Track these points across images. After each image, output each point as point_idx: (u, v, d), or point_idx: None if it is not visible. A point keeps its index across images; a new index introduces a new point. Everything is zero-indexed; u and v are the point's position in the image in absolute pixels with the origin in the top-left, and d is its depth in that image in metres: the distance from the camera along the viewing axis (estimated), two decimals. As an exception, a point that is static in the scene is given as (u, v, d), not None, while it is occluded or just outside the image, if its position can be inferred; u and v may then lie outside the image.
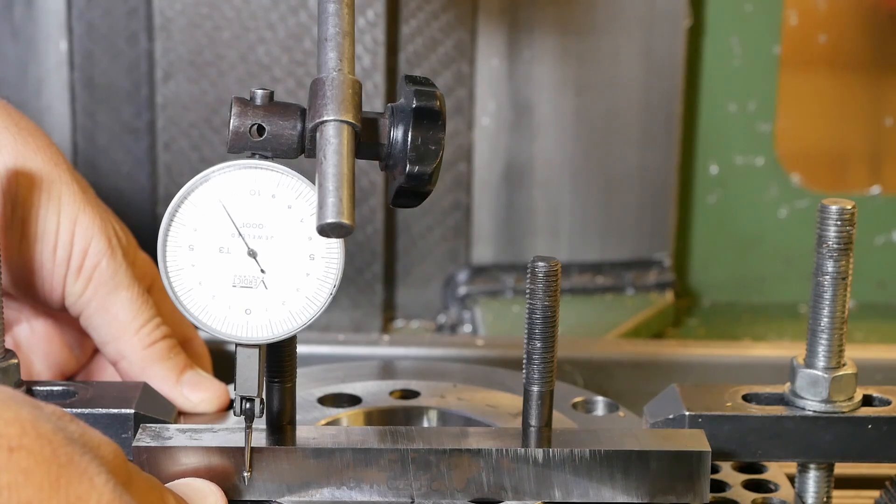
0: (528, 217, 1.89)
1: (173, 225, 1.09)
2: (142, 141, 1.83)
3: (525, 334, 1.17)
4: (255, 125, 1.08)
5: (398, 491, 1.14)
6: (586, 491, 1.14)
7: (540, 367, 1.17)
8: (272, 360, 1.17)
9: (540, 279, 1.15)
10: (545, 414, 1.18)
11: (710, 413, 1.19)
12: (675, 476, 1.14)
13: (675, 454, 1.14)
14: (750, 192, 1.95)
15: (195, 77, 1.78)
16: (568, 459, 1.13)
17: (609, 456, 1.13)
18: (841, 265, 1.17)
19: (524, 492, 1.14)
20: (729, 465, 1.26)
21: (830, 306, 1.18)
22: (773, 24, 1.90)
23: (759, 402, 1.21)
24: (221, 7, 1.76)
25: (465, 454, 1.13)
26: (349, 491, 1.13)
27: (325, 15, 1.09)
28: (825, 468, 1.22)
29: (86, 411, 1.17)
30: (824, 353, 1.19)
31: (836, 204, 1.16)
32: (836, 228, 1.16)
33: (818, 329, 1.19)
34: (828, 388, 1.19)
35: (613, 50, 1.84)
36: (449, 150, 1.82)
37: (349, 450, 1.13)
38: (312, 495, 1.13)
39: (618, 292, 1.90)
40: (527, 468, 1.14)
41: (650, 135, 1.88)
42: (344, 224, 1.01)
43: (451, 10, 1.81)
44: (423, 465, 1.13)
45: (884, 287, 1.98)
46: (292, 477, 1.13)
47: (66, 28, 1.79)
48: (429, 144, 1.09)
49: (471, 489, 1.14)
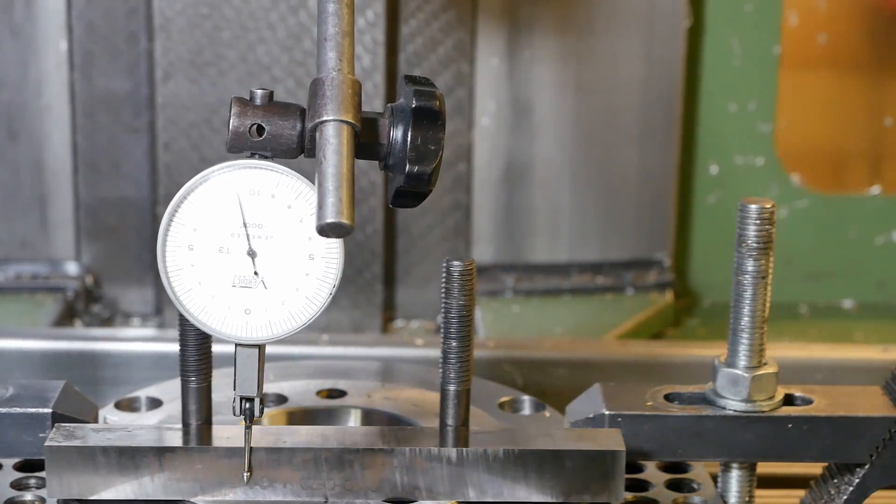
0: (527, 217, 1.89)
1: (173, 225, 1.09)
2: (142, 141, 1.84)
3: (441, 334, 1.17)
4: (254, 125, 1.08)
5: (312, 491, 1.13)
6: (500, 490, 1.14)
7: (456, 367, 1.17)
8: (186, 360, 1.16)
9: (455, 279, 1.15)
10: (461, 413, 1.18)
11: (630, 412, 1.18)
12: (589, 475, 1.14)
13: (589, 454, 1.14)
14: (750, 192, 1.94)
15: (195, 77, 1.78)
16: (482, 459, 1.13)
17: (523, 455, 1.13)
18: (761, 264, 1.17)
19: (438, 491, 1.14)
20: (654, 465, 1.25)
21: (751, 305, 1.18)
22: (773, 24, 1.90)
23: (682, 402, 1.20)
24: (221, 7, 1.76)
25: (378, 453, 1.13)
26: (263, 490, 1.13)
27: (325, 15, 1.09)
28: (747, 467, 1.21)
29: (3, 410, 1.17)
30: (745, 352, 1.18)
31: (756, 203, 1.16)
32: (756, 227, 1.16)
33: (738, 328, 1.18)
34: (748, 388, 1.18)
35: (613, 50, 1.85)
36: (449, 150, 1.82)
37: (262, 449, 1.13)
38: (226, 495, 1.13)
39: (618, 292, 1.90)
40: (440, 468, 1.13)
41: (650, 135, 1.88)
42: (344, 224, 1.01)
43: (451, 10, 1.81)
44: (337, 465, 1.13)
45: (884, 287, 1.98)
46: (205, 476, 1.13)
47: (66, 28, 1.79)
48: (428, 144, 1.09)
49: (385, 489, 1.14)
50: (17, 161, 1.84)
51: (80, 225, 1.86)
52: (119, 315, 1.89)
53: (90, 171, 1.84)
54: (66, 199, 1.85)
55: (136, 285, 1.88)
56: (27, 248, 1.87)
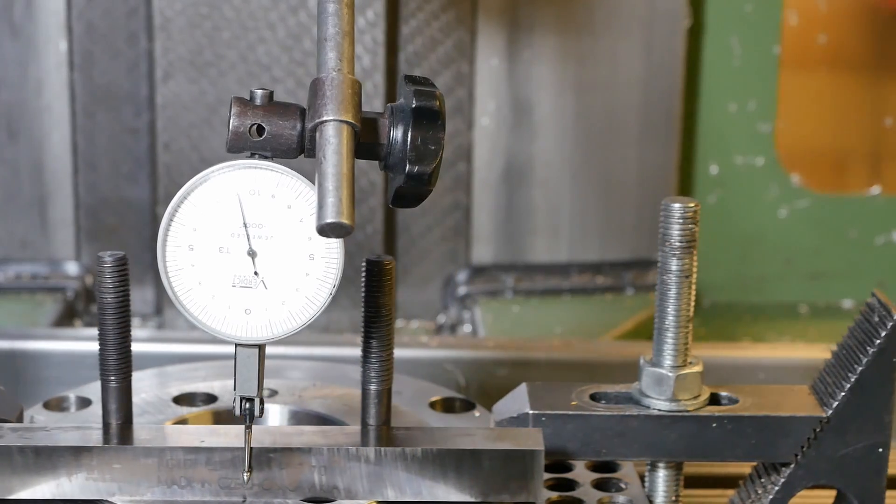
0: (527, 217, 1.89)
1: (173, 225, 1.09)
2: (142, 141, 1.84)
3: (362, 334, 1.17)
4: (254, 125, 1.08)
5: (230, 490, 1.13)
6: (420, 490, 1.13)
7: (376, 366, 1.17)
8: (106, 359, 1.16)
9: (376, 277, 1.16)
10: (383, 412, 1.18)
11: (553, 412, 1.18)
12: (508, 475, 1.13)
13: (507, 453, 1.13)
14: (750, 192, 1.95)
15: (195, 77, 1.78)
16: (400, 458, 1.13)
17: (441, 455, 1.13)
18: (685, 263, 1.16)
19: (357, 491, 1.13)
20: (583, 464, 1.25)
21: (675, 304, 1.17)
22: (773, 24, 1.90)
23: (608, 401, 1.20)
24: (221, 7, 1.76)
25: (296, 453, 1.13)
26: (181, 490, 1.13)
27: (325, 15, 1.09)
28: (674, 467, 1.21)
29: None
30: (670, 351, 1.18)
31: (679, 202, 1.16)
32: (679, 226, 1.16)
33: (663, 328, 1.18)
34: (672, 387, 1.18)
35: (613, 50, 1.85)
36: (448, 150, 1.82)
37: (179, 448, 1.12)
38: (143, 494, 1.13)
39: (617, 292, 1.90)
40: (359, 467, 1.13)
41: (650, 135, 1.88)
42: (343, 224, 1.01)
43: (451, 10, 1.81)
44: (255, 464, 1.13)
45: (884, 287, 1.98)
46: (123, 476, 1.13)
47: (66, 28, 1.79)
48: (428, 144, 1.09)
49: (303, 488, 1.13)
50: (17, 161, 1.84)
51: (80, 225, 1.86)
52: (119, 315, 1.89)
53: (90, 171, 1.84)
54: (66, 199, 1.85)
55: (136, 285, 1.88)
56: (27, 248, 1.87)
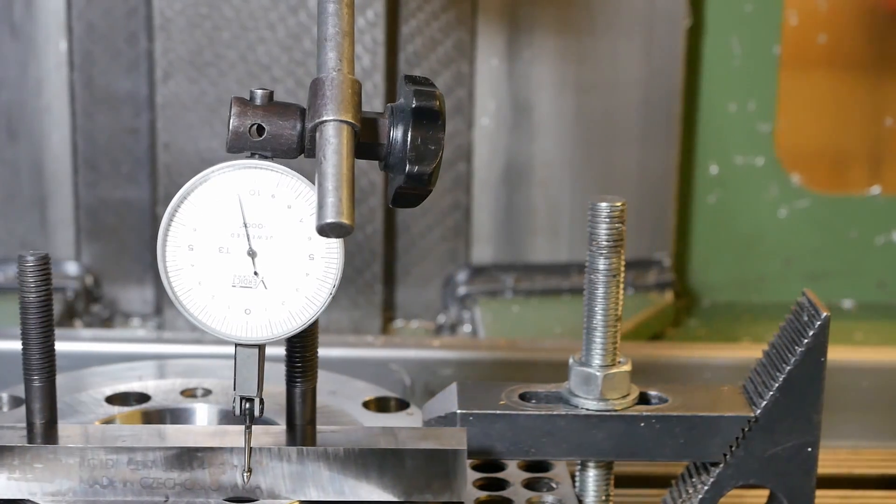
0: (527, 217, 1.89)
1: (173, 225, 1.09)
2: (142, 141, 1.84)
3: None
4: (254, 125, 1.08)
5: (152, 490, 1.13)
6: (342, 489, 1.13)
7: (300, 366, 1.17)
8: (29, 359, 1.16)
9: None
10: (307, 412, 1.18)
11: (481, 411, 1.18)
12: (431, 474, 1.13)
13: (430, 452, 1.13)
14: (750, 192, 1.95)
15: (195, 77, 1.78)
16: (322, 457, 1.13)
17: (363, 454, 1.13)
18: (612, 262, 1.16)
19: (279, 490, 1.14)
20: (515, 464, 1.25)
21: (603, 304, 1.17)
22: (773, 24, 1.90)
23: (538, 401, 1.20)
24: (221, 7, 1.76)
25: (218, 452, 1.13)
26: (102, 490, 1.13)
27: (325, 15, 1.09)
28: (604, 466, 1.21)
29: None
30: (598, 350, 1.18)
31: (606, 201, 1.16)
32: (607, 226, 1.16)
33: (591, 327, 1.18)
34: (600, 386, 1.18)
35: (613, 50, 1.85)
36: (448, 150, 1.82)
37: (101, 448, 1.13)
38: (66, 494, 1.13)
39: (618, 292, 1.90)
40: (281, 466, 1.13)
41: (650, 135, 1.88)
42: (343, 224, 1.01)
43: (451, 10, 1.81)
44: (177, 464, 1.13)
45: (884, 287, 1.98)
46: (45, 476, 1.13)
47: (66, 28, 1.79)
48: (428, 144, 1.09)
49: (225, 488, 1.13)
50: (17, 161, 1.84)
51: (80, 225, 1.86)
52: (119, 315, 1.89)
53: (90, 172, 1.84)
54: (66, 200, 1.85)
55: (136, 285, 1.88)
56: (27, 248, 1.86)
